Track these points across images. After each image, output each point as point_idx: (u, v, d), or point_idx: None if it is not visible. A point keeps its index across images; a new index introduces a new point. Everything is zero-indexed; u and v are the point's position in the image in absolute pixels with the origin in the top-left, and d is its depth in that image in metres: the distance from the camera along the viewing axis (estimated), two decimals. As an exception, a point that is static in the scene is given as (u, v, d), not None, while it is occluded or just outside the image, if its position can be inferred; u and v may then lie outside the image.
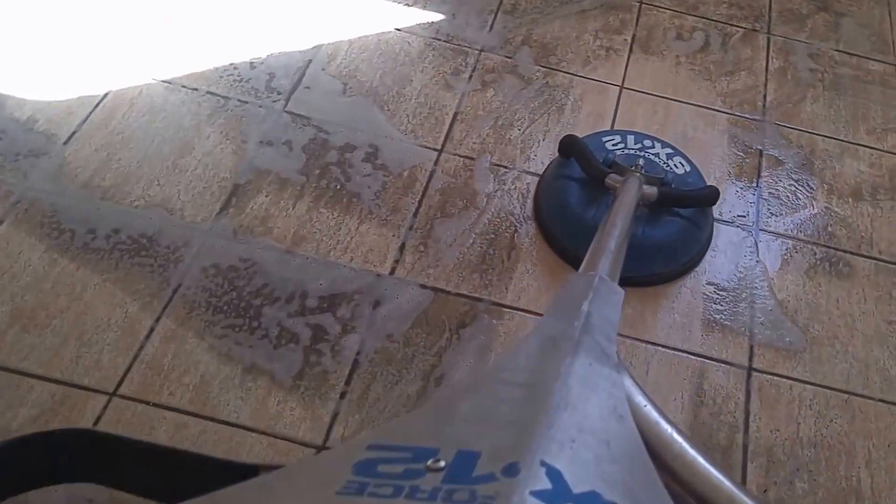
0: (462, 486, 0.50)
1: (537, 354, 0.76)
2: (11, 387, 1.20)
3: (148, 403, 1.22)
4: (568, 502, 0.51)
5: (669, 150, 1.64)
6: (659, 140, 1.65)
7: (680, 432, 1.05)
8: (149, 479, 1.05)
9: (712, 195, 1.53)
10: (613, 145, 1.62)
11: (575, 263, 1.41)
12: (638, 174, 1.46)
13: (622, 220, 1.25)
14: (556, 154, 1.62)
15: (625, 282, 1.09)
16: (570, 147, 1.56)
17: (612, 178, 1.46)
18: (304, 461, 1.06)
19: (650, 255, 1.49)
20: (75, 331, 1.27)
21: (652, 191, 1.44)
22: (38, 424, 1.16)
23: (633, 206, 1.33)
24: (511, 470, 0.51)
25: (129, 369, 1.25)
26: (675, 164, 1.61)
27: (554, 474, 0.52)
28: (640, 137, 1.65)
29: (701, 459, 1.06)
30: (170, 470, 1.05)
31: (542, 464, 0.53)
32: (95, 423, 1.18)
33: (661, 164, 1.59)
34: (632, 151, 1.60)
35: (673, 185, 1.52)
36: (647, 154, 1.61)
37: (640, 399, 1.05)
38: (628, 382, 1.05)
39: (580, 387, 0.69)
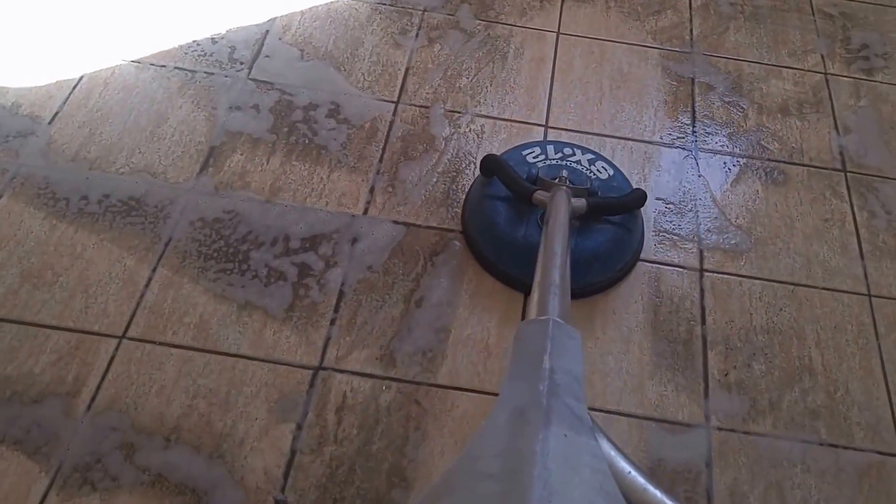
0: None
1: (508, 433, 0.72)
2: (30, 337, 1.31)
3: (155, 343, 1.33)
4: None
5: (591, 156, 1.63)
6: (579, 147, 1.65)
7: (670, 497, 1.06)
8: None
9: (639, 199, 1.52)
10: (534, 158, 1.60)
11: (512, 284, 1.48)
12: (564, 187, 1.45)
13: (560, 245, 1.22)
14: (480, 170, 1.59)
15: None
16: (492, 166, 1.53)
17: (540, 195, 1.44)
18: None
19: (586, 266, 1.47)
20: (81, 285, 1.38)
21: (581, 203, 1.44)
22: (58, 368, 1.28)
23: (566, 223, 1.31)
24: None
25: (133, 315, 1.36)
26: (598, 170, 1.60)
27: None
28: (560, 146, 1.64)
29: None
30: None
31: None
32: (109, 364, 1.29)
33: (584, 171, 1.59)
34: (553, 162, 1.59)
35: (599, 193, 1.51)
36: (569, 163, 1.60)
37: (623, 465, 1.06)
38: (607, 447, 1.07)
39: (561, 468, 0.66)
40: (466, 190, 1.62)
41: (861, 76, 1.95)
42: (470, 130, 1.71)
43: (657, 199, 1.65)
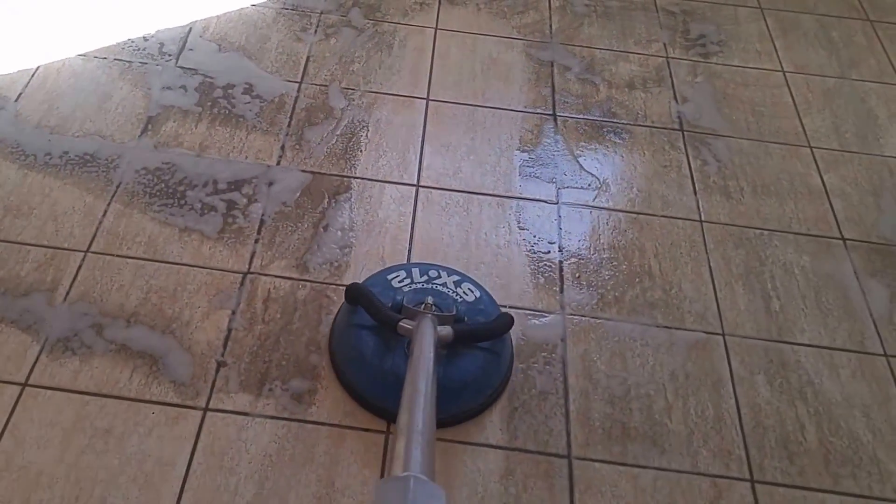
0: None
1: None
2: (14, 252, 1.64)
3: (114, 255, 1.66)
4: None
5: (456, 277, 1.61)
6: (444, 268, 1.64)
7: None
8: None
9: (506, 324, 1.50)
10: (399, 282, 1.58)
11: (380, 413, 1.47)
12: (430, 315, 1.41)
13: (425, 381, 1.17)
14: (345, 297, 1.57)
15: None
16: (355, 295, 1.50)
17: (405, 324, 1.40)
18: None
19: (454, 395, 1.44)
20: (51, 215, 1.71)
21: (447, 331, 1.39)
22: (39, 273, 1.61)
23: (432, 356, 1.27)
24: None
25: (94, 236, 1.69)
26: (464, 292, 1.58)
27: None
28: (424, 268, 1.62)
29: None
30: None
31: None
32: (78, 270, 1.62)
33: (450, 293, 1.56)
34: (419, 285, 1.57)
35: (466, 318, 1.49)
36: (434, 286, 1.57)
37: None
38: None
39: None
40: (334, 311, 1.62)
41: (699, 59, 2.34)
42: (363, 103, 2.06)
43: (522, 151, 2.00)
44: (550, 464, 1.44)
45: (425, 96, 2.11)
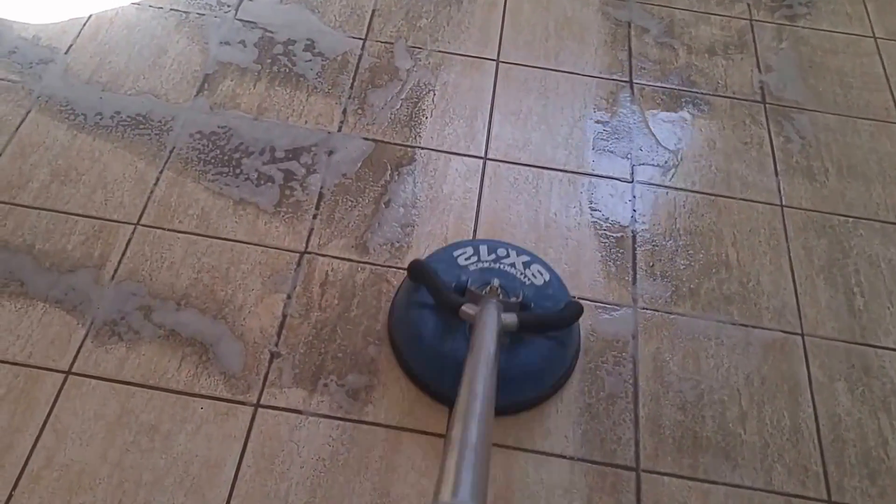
0: None
1: None
2: (61, 223, 1.56)
3: (164, 229, 1.57)
4: None
5: (526, 258, 1.53)
6: (514, 247, 1.55)
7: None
8: None
9: (574, 314, 1.41)
10: (466, 259, 1.51)
11: (437, 397, 1.42)
12: (495, 300, 1.35)
13: (483, 384, 1.09)
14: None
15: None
16: (418, 273, 1.44)
17: (468, 309, 1.34)
18: None
19: (516, 384, 1.38)
20: (100, 182, 1.62)
21: (511, 319, 1.32)
22: (86, 247, 1.53)
23: (493, 352, 1.18)
24: None
25: (145, 207, 1.60)
26: (532, 274, 1.50)
27: None
28: (493, 246, 1.54)
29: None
30: None
31: None
32: (127, 245, 1.54)
33: (518, 275, 1.49)
34: (486, 264, 1.49)
35: (533, 305, 1.41)
36: (502, 266, 1.50)
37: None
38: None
39: None
40: (393, 295, 1.55)
41: (784, 22, 2.18)
42: (429, 63, 1.94)
43: (596, 122, 1.87)
44: (617, 476, 1.36)
45: (495, 57, 1.99)
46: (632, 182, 1.77)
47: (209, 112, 1.78)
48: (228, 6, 2.00)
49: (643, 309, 1.57)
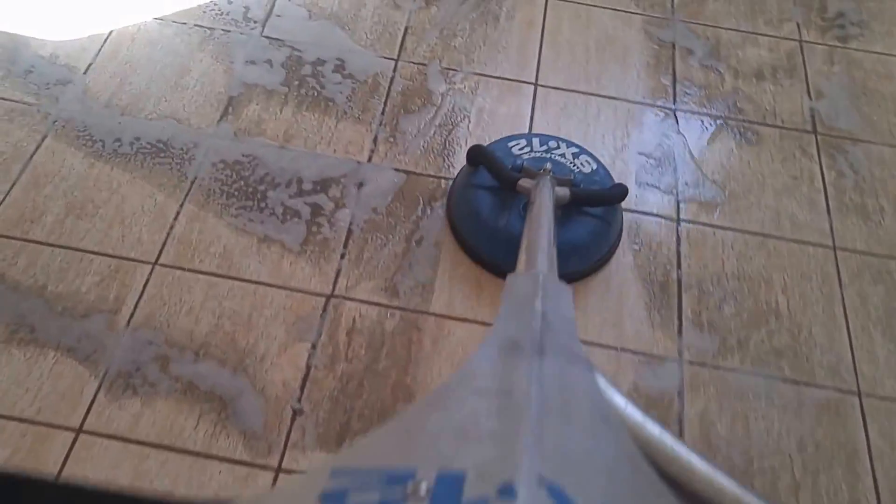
0: None
1: (502, 359, 0.67)
2: (75, 261, 1.47)
3: (184, 269, 1.49)
4: None
5: (575, 150, 1.66)
6: (564, 140, 1.68)
7: (669, 433, 1.02)
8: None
9: (621, 193, 1.56)
10: (520, 149, 1.64)
11: (494, 271, 1.54)
12: (549, 176, 1.47)
13: (547, 220, 1.22)
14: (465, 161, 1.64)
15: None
16: (477, 155, 1.58)
17: (525, 182, 1.47)
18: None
19: (564, 256, 1.33)
20: (118, 216, 1.54)
21: (564, 192, 1.45)
22: (101, 288, 1.44)
23: (551, 206, 1.30)
24: (508, 492, 0.45)
25: (164, 244, 1.51)
26: (581, 163, 1.63)
27: (556, 493, 0.46)
28: (545, 139, 1.67)
29: (698, 461, 0.98)
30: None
31: (541, 482, 0.47)
32: (144, 286, 1.45)
33: (568, 164, 1.62)
34: (538, 154, 1.63)
35: (582, 185, 1.55)
36: (553, 156, 1.63)
37: (619, 399, 1.02)
38: (603, 383, 1.00)
39: (558, 391, 0.62)
40: (453, 177, 1.67)
41: (836, 43, 2.07)
42: (465, 86, 1.85)
43: (639, 153, 1.77)
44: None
45: (534, 81, 1.89)
46: (677, 221, 1.68)
47: (233, 139, 1.69)
48: (255, 22, 1.91)
49: (690, 362, 1.48)
